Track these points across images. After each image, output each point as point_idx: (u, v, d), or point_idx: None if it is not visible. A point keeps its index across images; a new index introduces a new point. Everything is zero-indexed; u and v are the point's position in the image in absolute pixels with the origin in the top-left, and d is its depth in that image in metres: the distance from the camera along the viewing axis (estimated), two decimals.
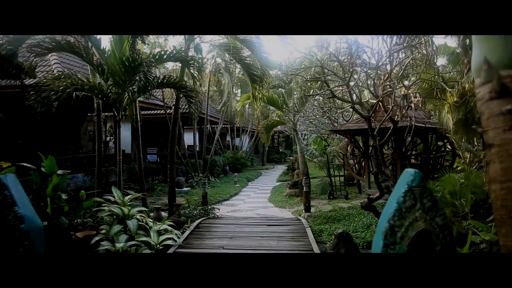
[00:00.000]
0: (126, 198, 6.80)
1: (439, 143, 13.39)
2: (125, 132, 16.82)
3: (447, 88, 7.07)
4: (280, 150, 40.06)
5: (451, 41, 9.23)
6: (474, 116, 8.61)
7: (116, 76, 7.93)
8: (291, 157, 26.82)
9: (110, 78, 8.09)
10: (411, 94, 6.70)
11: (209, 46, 21.03)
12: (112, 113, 8.62)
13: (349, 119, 15.43)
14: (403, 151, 11.10)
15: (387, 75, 6.88)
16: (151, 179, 15.83)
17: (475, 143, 12.04)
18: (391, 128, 7.24)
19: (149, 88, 8.03)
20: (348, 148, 13.12)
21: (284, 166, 28.98)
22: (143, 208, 7.44)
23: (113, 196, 6.76)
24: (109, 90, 8.13)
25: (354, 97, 7.52)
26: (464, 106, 8.47)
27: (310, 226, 8.42)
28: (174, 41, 24.79)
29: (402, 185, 2.00)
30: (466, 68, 7.87)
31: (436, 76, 7.12)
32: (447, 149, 13.09)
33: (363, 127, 11.61)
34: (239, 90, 27.39)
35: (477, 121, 8.45)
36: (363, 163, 12.71)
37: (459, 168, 12.67)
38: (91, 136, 16.86)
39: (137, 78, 7.56)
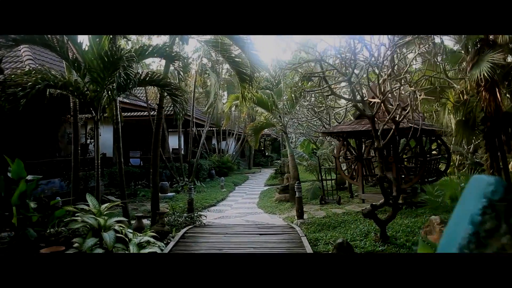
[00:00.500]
0: (103, 206, 6.08)
1: (432, 145, 13.05)
2: (106, 134, 16.01)
3: (455, 85, 6.62)
4: (267, 153, 39.55)
5: (448, 40, 8.86)
6: (476, 116, 8.23)
7: (94, 72, 7.28)
8: (278, 161, 26.31)
9: (87, 75, 7.42)
10: (417, 93, 6.21)
11: (195, 46, 20.41)
12: (92, 115, 7.90)
13: (341, 121, 14.98)
14: (398, 154, 10.64)
15: (390, 69, 6.38)
16: (133, 184, 15.06)
17: (464, 146, 11.72)
18: (393, 128, 6.74)
19: (130, 85, 7.34)
20: (341, 151, 12.61)
21: (271, 169, 28.49)
22: (122, 218, 6.71)
23: (88, 205, 6.04)
24: (86, 88, 7.45)
25: (356, 95, 7.01)
26: (465, 107, 8.07)
27: (305, 235, 7.84)
28: (159, 40, 23.98)
29: (476, 198, 1.42)
30: (469, 66, 7.47)
31: (442, 74, 6.65)
32: (441, 151, 12.77)
33: (356, 129, 11.12)
34: (225, 92, 26.80)
35: (479, 123, 8.11)
36: (356, 166, 12.22)
37: (448, 171, 12.34)
38: (70, 139, 15.98)
39: (117, 74, 6.88)
